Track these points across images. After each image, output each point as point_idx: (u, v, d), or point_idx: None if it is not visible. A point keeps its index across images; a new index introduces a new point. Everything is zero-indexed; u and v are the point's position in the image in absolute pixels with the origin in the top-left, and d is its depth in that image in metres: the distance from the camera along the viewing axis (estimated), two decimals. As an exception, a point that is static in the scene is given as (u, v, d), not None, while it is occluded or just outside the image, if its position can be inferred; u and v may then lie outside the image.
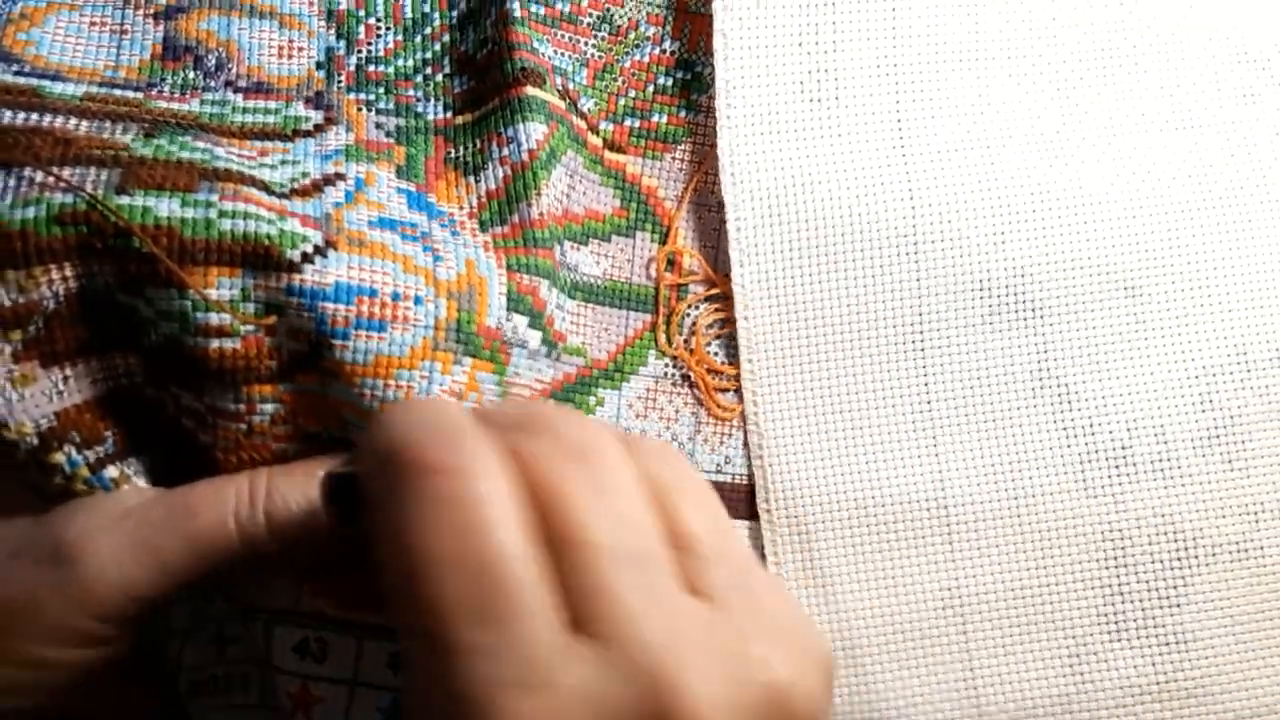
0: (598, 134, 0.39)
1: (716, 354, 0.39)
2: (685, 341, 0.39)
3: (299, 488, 0.30)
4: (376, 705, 0.33)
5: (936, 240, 0.39)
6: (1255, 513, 0.38)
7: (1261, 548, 0.38)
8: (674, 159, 0.40)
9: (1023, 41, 0.40)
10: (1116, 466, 0.38)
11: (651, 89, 0.40)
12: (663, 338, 0.39)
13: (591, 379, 0.38)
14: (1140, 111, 0.40)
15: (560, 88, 0.38)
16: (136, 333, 0.31)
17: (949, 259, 0.39)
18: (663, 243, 0.40)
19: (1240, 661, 0.37)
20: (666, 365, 0.39)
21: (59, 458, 0.30)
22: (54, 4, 0.37)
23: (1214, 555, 0.37)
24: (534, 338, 0.34)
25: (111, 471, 0.31)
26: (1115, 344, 0.39)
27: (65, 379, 0.30)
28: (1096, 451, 0.38)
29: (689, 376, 0.39)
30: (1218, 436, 0.38)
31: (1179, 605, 0.37)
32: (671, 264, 0.40)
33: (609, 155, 0.40)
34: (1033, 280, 0.39)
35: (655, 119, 0.40)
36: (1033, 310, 0.39)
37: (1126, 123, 0.40)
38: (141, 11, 0.37)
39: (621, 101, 0.40)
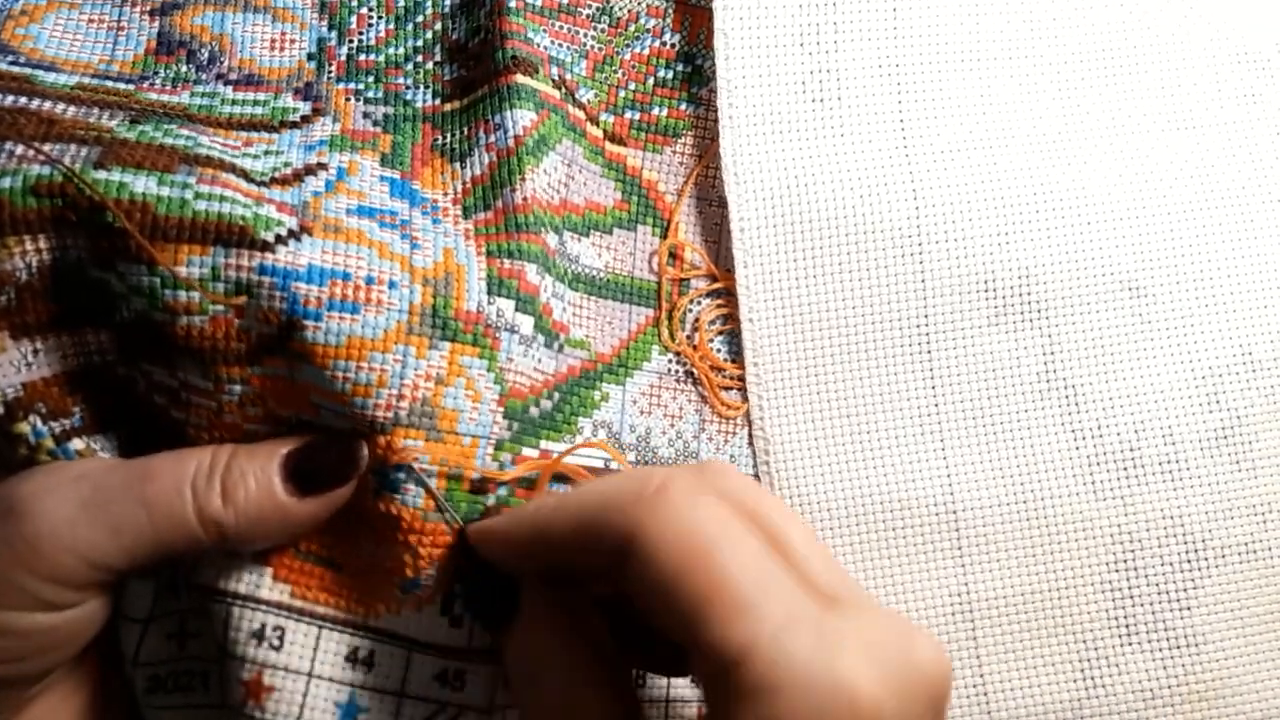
0: (598, 125, 0.39)
1: (719, 350, 0.39)
2: (689, 337, 0.39)
3: (259, 462, 0.30)
4: (334, 700, 0.32)
5: (941, 240, 0.38)
6: (1264, 513, 0.37)
7: (1270, 548, 0.37)
8: (674, 152, 0.40)
9: (1024, 42, 0.40)
10: (1125, 469, 0.38)
11: (652, 81, 0.40)
12: (665, 333, 0.39)
13: (596, 373, 0.37)
14: (1142, 111, 0.40)
15: (556, 78, 0.38)
16: (109, 308, 0.30)
17: (954, 259, 0.38)
18: (664, 236, 0.39)
19: (1252, 664, 0.36)
20: (670, 361, 0.38)
21: (24, 427, 0.30)
22: (54, 1, 0.37)
23: (1223, 556, 0.37)
24: (525, 322, 0.34)
25: (77, 444, 0.31)
26: (1121, 344, 0.38)
27: (35, 351, 0.30)
28: (1104, 453, 0.38)
29: (693, 373, 0.38)
30: (1225, 437, 0.38)
31: (1189, 608, 0.37)
32: (673, 258, 0.39)
33: (610, 147, 0.39)
34: (1038, 280, 0.39)
35: (655, 112, 0.40)
36: (1038, 311, 0.38)
37: (1129, 123, 0.40)
38: (138, 9, 0.38)
39: (622, 94, 0.40)
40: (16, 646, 0.28)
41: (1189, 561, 0.37)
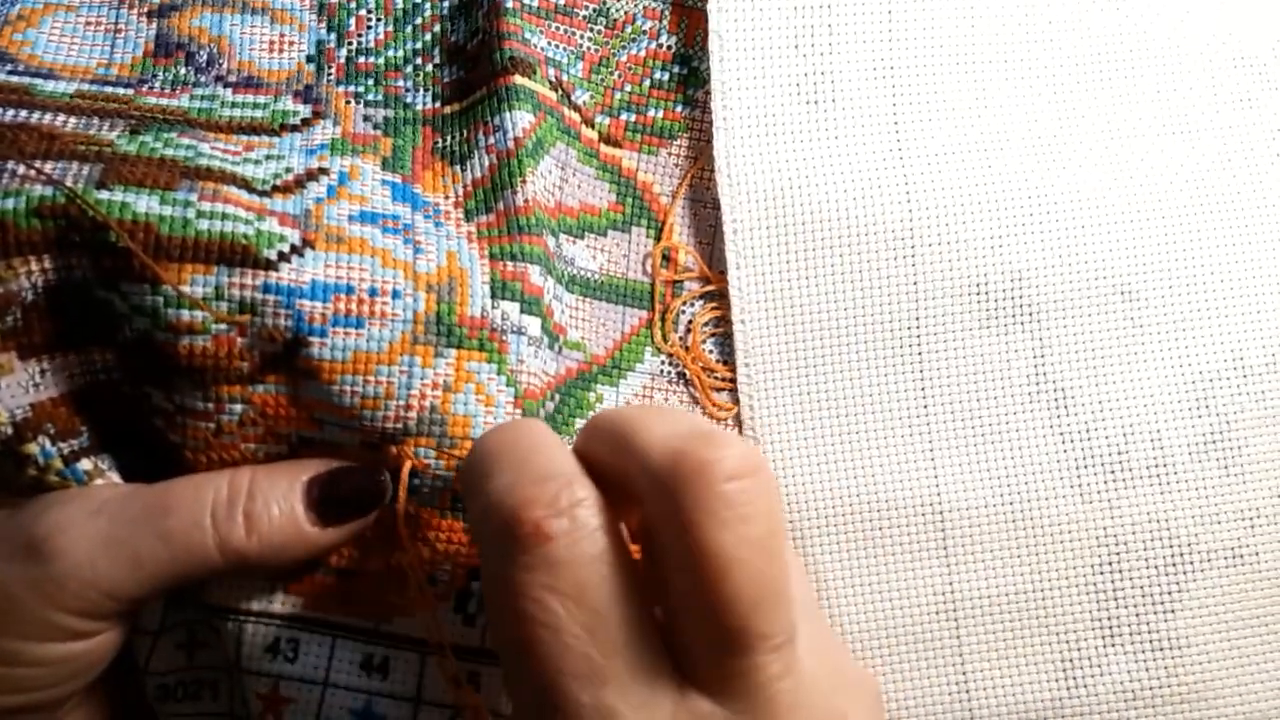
0: (593, 127, 0.39)
1: (711, 352, 0.39)
2: (681, 339, 0.39)
3: (281, 490, 0.30)
4: (350, 707, 0.32)
5: (934, 243, 0.39)
6: (1251, 518, 0.38)
7: (1257, 553, 0.37)
8: (670, 154, 0.40)
9: (1020, 45, 0.40)
10: (1112, 471, 0.38)
11: (648, 83, 0.40)
12: (659, 334, 0.39)
13: (591, 375, 0.38)
14: (1137, 116, 0.40)
15: (553, 79, 0.38)
16: (113, 328, 0.31)
17: (946, 262, 0.39)
18: (658, 238, 0.40)
19: (1235, 667, 0.37)
20: (663, 362, 0.39)
21: (33, 448, 0.30)
22: (51, 5, 0.37)
23: (1209, 560, 0.37)
24: (532, 324, 0.34)
25: (85, 464, 0.31)
26: (1112, 348, 0.39)
27: (42, 371, 0.30)
28: (1092, 456, 0.38)
29: (685, 374, 0.39)
30: (1214, 442, 0.38)
31: (1173, 611, 0.37)
32: (667, 260, 0.40)
33: (604, 149, 0.39)
34: (1030, 284, 0.39)
35: (651, 114, 0.40)
36: (1029, 314, 0.39)
37: (1124, 127, 0.40)
38: (136, 11, 0.38)
39: (618, 95, 0.40)
40: (43, 675, 0.29)
41: (1174, 565, 0.37)
